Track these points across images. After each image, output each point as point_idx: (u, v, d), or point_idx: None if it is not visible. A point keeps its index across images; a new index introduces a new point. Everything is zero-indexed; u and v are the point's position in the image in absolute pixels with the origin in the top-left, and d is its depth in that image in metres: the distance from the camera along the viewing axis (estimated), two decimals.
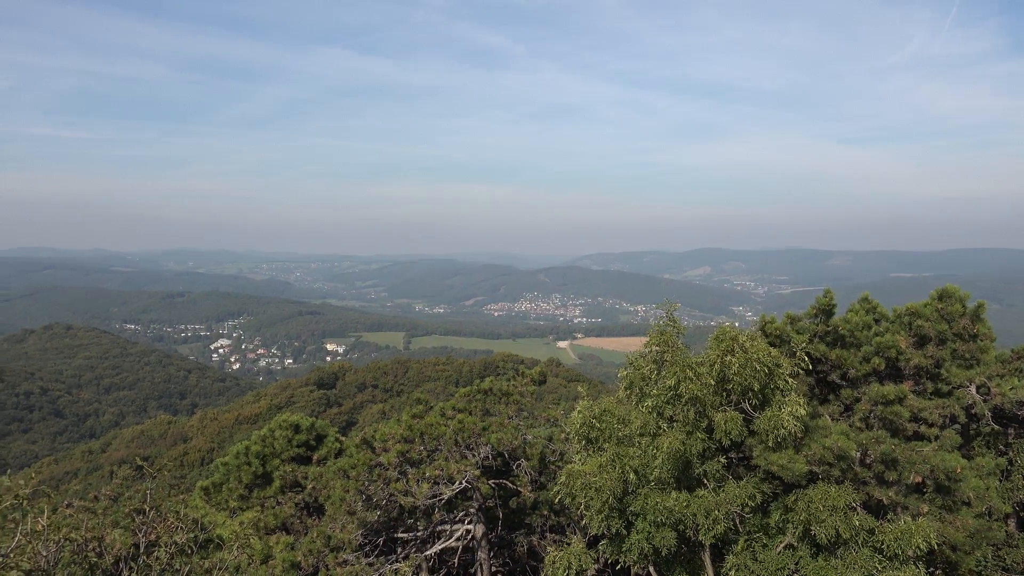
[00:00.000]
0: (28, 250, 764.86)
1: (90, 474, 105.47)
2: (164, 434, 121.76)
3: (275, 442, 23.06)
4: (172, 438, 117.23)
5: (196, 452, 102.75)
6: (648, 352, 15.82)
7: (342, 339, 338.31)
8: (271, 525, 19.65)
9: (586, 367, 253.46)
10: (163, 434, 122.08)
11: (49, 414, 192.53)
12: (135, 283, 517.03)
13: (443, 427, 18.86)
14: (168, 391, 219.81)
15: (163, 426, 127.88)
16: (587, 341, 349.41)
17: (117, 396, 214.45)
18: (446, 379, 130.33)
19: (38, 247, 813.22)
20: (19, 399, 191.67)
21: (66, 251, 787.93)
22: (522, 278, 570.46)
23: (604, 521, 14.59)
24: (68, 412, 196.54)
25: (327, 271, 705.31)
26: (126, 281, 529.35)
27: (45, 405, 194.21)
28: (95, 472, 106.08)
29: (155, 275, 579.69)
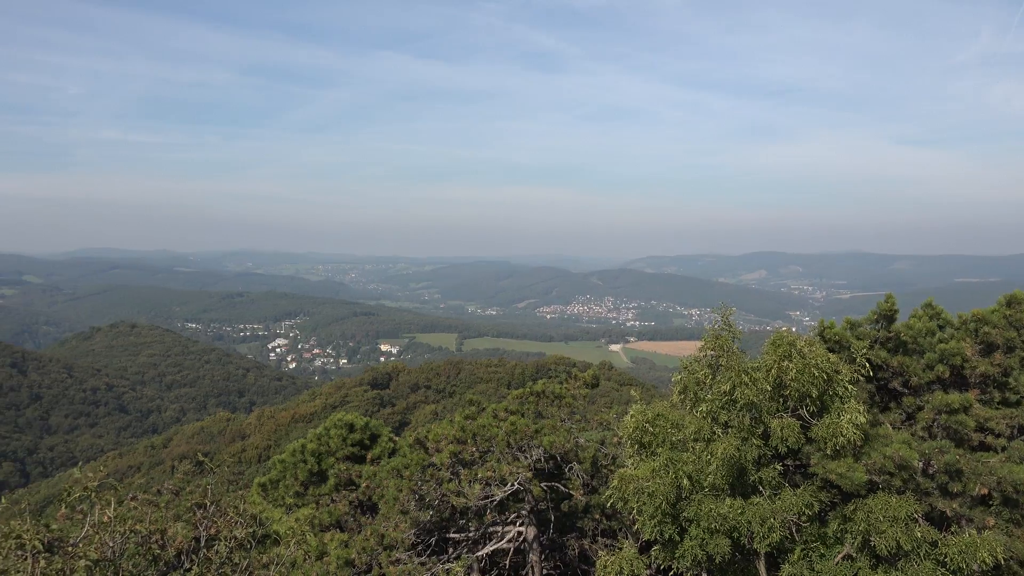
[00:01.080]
0: (96, 251, 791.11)
1: (152, 468, 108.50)
2: (223, 431, 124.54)
3: (330, 441, 23.42)
4: (231, 435, 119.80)
5: (254, 449, 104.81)
6: (703, 356, 15.63)
7: (396, 340, 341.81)
8: (326, 522, 19.95)
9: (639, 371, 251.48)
10: (222, 431, 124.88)
11: (114, 409, 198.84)
12: (197, 283, 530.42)
13: (495, 429, 18.91)
14: (227, 389, 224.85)
15: (222, 423, 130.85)
16: (640, 345, 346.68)
17: (178, 393, 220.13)
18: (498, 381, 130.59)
19: (106, 248, 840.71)
20: (86, 394, 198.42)
21: (132, 252, 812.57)
22: (575, 281, 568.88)
23: (657, 527, 14.46)
24: (132, 408, 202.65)
25: (382, 272, 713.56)
26: (188, 281, 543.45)
27: (111, 401, 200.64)
28: (157, 467, 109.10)
29: (216, 275, 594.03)
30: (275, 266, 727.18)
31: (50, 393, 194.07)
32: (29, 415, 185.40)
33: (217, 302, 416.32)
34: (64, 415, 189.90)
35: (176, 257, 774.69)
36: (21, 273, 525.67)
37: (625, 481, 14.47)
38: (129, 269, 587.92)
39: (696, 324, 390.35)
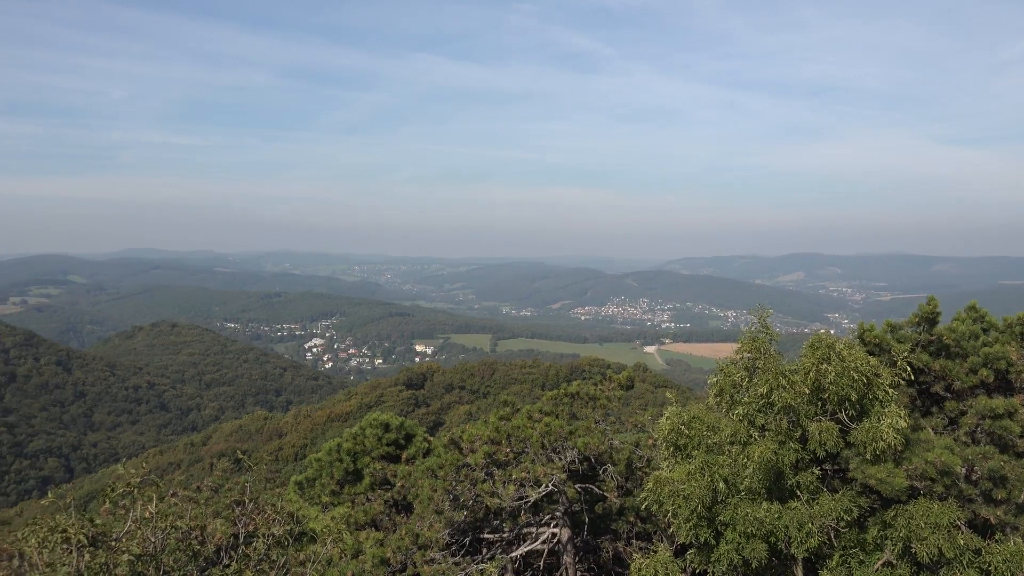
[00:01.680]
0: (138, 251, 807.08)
1: (192, 466, 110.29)
2: (260, 429, 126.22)
3: (366, 440, 23.63)
4: (268, 433, 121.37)
5: (290, 447, 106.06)
6: (739, 358, 15.47)
7: (430, 340, 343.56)
8: (361, 521, 20.12)
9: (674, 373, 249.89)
10: (259, 429, 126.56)
11: (155, 407, 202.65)
12: (235, 283, 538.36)
13: (530, 430, 18.92)
14: (264, 388, 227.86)
15: (260, 421, 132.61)
16: (675, 346, 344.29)
17: (217, 392, 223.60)
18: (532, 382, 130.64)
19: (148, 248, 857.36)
20: (128, 392, 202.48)
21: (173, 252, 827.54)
22: (609, 282, 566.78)
23: (692, 530, 14.36)
24: (172, 406, 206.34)
25: (417, 273, 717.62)
26: (227, 281, 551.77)
27: (152, 399, 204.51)
28: (196, 464, 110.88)
29: (254, 276, 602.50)
30: (312, 267, 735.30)
31: (94, 391, 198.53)
32: (74, 412, 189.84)
33: (255, 302, 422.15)
34: (107, 412, 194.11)
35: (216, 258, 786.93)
36: (67, 273, 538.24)
37: (660, 484, 14.39)
38: (170, 269, 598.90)
39: (732, 326, 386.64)
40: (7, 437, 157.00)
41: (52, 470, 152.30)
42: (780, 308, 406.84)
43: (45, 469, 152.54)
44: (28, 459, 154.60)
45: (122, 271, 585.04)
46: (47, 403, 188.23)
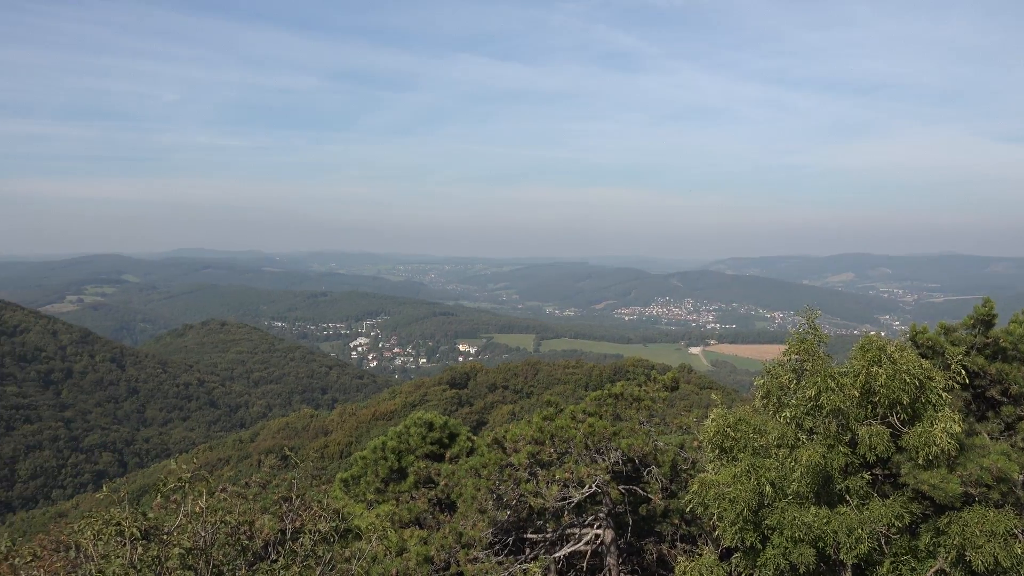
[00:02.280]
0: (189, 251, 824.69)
1: (240, 462, 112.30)
2: (307, 427, 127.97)
3: (410, 439, 23.81)
4: (314, 431, 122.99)
5: (336, 445, 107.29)
6: (787, 360, 15.22)
7: (474, 340, 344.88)
8: (405, 519, 20.28)
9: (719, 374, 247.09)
10: (306, 427, 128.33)
11: (205, 404, 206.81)
12: (283, 283, 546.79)
13: (573, 430, 18.88)
14: (311, 386, 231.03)
15: (306, 419, 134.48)
16: (720, 348, 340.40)
17: (265, 389, 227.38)
18: (575, 382, 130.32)
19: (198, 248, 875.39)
20: (179, 389, 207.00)
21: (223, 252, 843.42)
22: (654, 282, 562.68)
23: (738, 533, 14.18)
24: (221, 403, 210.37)
25: (460, 273, 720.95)
26: (275, 281, 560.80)
27: (202, 396, 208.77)
28: (245, 460, 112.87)
29: (301, 275, 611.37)
30: (357, 266, 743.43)
31: (146, 387, 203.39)
32: (127, 408, 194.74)
33: (302, 301, 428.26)
34: (159, 408, 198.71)
35: (264, 257, 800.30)
36: (121, 272, 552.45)
37: (705, 486, 14.24)
38: (220, 269, 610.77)
39: (779, 327, 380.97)
40: (64, 432, 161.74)
41: (106, 464, 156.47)
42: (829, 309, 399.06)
43: (100, 463, 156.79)
44: (83, 453, 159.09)
45: (173, 270, 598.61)
46: (102, 399, 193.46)
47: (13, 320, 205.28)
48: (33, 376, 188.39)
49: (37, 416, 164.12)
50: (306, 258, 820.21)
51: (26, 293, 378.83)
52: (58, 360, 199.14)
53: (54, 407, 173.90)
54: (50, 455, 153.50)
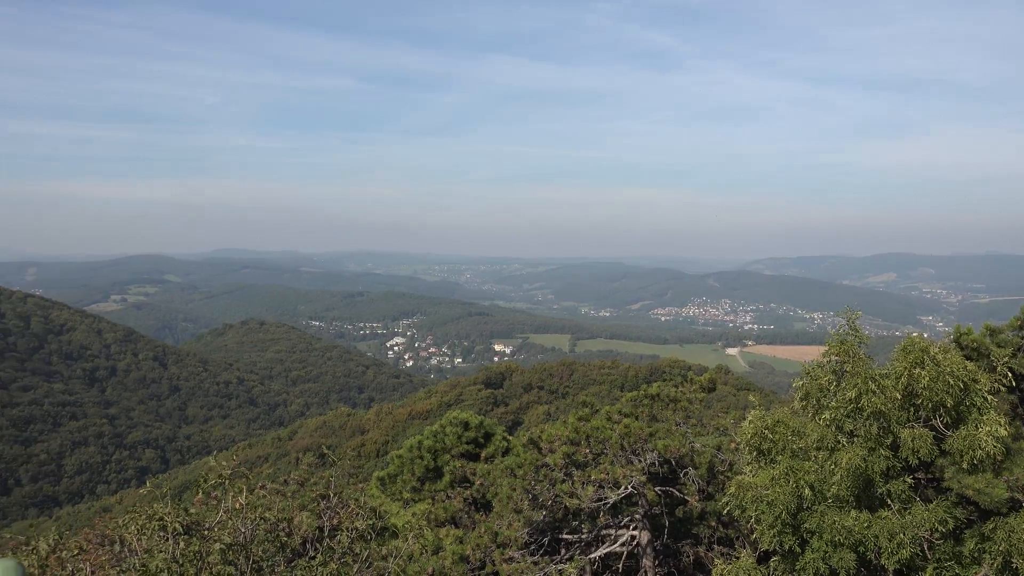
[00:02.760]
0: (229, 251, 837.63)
1: (279, 459, 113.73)
2: (344, 425, 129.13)
3: (446, 438, 23.94)
4: (351, 430, 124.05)
5: (372, 444, 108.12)
6: (826, 362, 15.01)
7: (509, 340, 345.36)
8: (441, 518, 20.38)
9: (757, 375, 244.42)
10: (343, 425, 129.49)
11: (244, 402, 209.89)
12: (320, 283, 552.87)
13: (609, 431, 18.82)
14: (348, 385, 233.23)
15: (343, 418, 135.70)
16: (758, 348, 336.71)
17: (303, 388, 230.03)
18: (611, 383, 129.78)
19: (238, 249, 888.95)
20: (219, 387, 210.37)
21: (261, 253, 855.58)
22: (690, 282, 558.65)
23: (776, 537, 14.01)
24: (260, 401, 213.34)
25: (495, 273, 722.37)
26: (312, 281, 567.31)
27: (241, 394, 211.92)
28: (283, 458, 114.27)
29: (338, 276, 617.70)
30: (393, 266, 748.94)
31: (187, 385, 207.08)
32: (169, 405, 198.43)
33: (339, 301, 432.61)
34: (200, 406, 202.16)
35: (301, 258, 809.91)
36: (163, 273, 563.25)
37: (743, 488, 14.10)
38: (258, 269, 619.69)
39: (818, 328, 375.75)
40: (108, 428, 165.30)
41: (149, 461, 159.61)
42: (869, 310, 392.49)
43: (143, 459, 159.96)
44: (127, 450, 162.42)
45: (213, 270, 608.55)
46: (145, 396, 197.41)
47: (60, 319, 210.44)
48: (79, 374, 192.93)
49: (83, 413, 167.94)
50: (343, 258, 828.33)
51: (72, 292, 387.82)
52: (103, 358, 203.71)
53: (99, 404, 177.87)
54: (95, 451, 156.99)
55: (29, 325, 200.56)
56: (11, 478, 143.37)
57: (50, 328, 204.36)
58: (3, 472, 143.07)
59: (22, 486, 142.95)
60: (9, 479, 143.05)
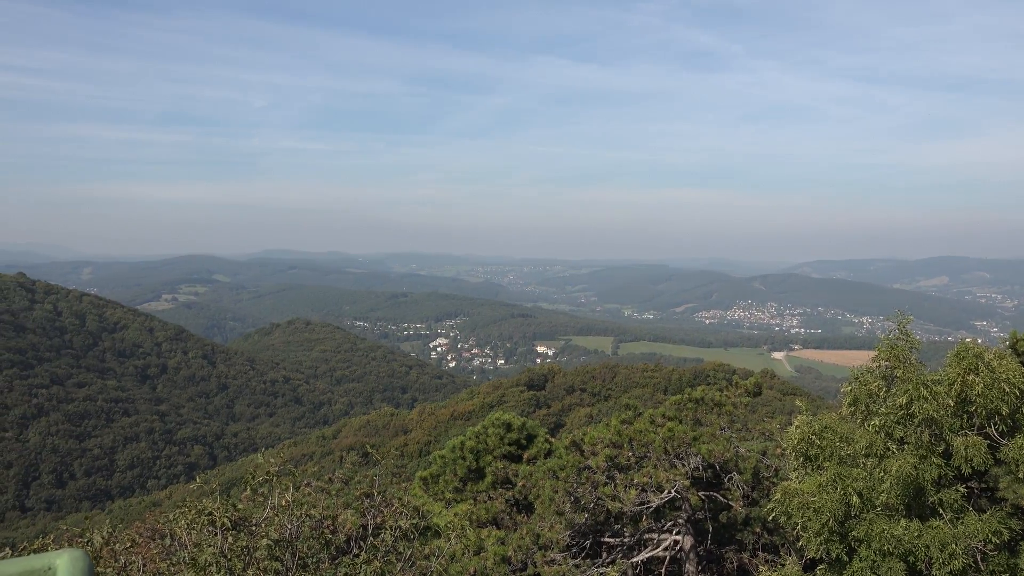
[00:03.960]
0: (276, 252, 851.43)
1: (323, 458, 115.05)
2: (387, 425, 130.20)
3: (488, 439, 24.00)
4: (394, 429, 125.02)
5: (415, 444, 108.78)
6: (876, 367, 14.72)
7: (552, 342, 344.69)
8: (483, 518, 20.44)
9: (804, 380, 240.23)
10: (386, 425, 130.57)
11: (290, 401, 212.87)
12: (364, 283, 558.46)
13: (652, 434, 18.70)
14: (391, 385, 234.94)
15: (386, 417, 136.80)
16: (805, 353, 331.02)
17: (347, 387, 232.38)
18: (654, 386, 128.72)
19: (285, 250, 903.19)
20: (266, 386, 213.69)
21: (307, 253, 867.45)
22: (735, 285, 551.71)
23: (823, 544, 13.78)
24: (306, 400, 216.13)
25: (538, 275, 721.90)
26: (357, 281, 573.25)
27: (287, 392, 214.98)
28: (327, 456, 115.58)
29: (382, 276, 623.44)
30: (437, 268, 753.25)
31: (235, 383, 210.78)
32: (217, 403, 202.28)
33: (383, 302, 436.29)
34: (247, 404, 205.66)
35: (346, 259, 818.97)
36: (212, 272, 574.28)
37: (789, 495, 13.89)
38: (305, 270, 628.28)
39: (867, 333, 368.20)
40: (159, 425, 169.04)
41: (197, 457, 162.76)
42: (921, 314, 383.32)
43: (191, 456, 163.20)
44: (176, 446, 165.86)
45: (261, 271, 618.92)
46: (194, 394, 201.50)
47: (114, 317, 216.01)
48: (131, 371, 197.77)
49: (134, 409, 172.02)
50: (387, 259, 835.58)
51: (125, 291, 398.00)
52: (154, 356, 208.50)
53: (150, 401, 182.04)
54: (146, 447, 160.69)
55: (84, 323, 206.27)
56: (66, 472, 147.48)
57: (104, 326, 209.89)
58: (59, 466, 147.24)
59: (76, 480, 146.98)
60: (64, 473, 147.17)
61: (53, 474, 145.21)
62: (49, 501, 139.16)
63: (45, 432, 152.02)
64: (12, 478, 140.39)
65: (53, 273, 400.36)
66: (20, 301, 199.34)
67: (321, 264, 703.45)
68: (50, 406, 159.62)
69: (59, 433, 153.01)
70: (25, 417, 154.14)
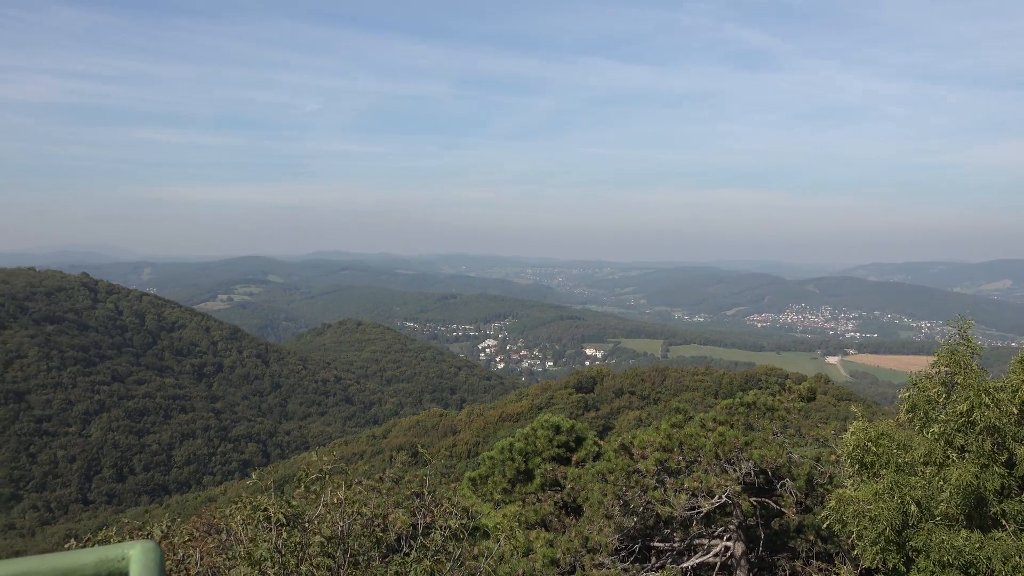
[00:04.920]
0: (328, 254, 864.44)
1: (373, 457, 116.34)
2: (436, 425, 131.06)
3: (537, 441, 24.01)
4: (443, 430, 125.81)
5: (464, 444, 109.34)
6: (935, 373, 14.34)
7: (600, 344, 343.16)
8: (531, 520, 20.47)
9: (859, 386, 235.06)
10: (435, 425, 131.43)
11: (341, 400, 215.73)
12: (414, 285, 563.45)
13: (703, 438, 18.50)
14: (440, 386, 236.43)
15: (435, 418, 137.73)
16: (860, 358, 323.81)
17: (396, 388, 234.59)
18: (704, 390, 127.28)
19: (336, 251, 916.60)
20: (318, 385, 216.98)
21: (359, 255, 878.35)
22: (788, 288, 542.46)
23: (879, 554, 13.48)
24: (356, 399, 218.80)
25: (587, 277, 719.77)
26: (407, 283, 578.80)
27: (338, 392, 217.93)
28: (377, 455, 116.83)
29: (431, 278, 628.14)
30: (486, 269, 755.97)
31: (288, 383, 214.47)
32: (271, 401, 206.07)
33: (433, 303, 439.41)
34: (299, 403, 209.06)
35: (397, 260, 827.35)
36: (266, 273, 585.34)
37: (844, 502, 13.62)
38: (356, 271, 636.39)
39: (926, 338, 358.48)
40: (214, 422, 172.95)
41: (251, 454, 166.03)
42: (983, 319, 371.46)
43: (246, 453, 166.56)
44: (231, 443, 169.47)
45: (313, 272, 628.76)
46: (248, 392, 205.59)
47: (172, 317, 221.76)
48: (188, 369, 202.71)
49: (191, 406, 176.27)
50: (436, 261, 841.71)
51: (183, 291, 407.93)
52: (210, 355, 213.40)
53: (206, 399, 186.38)
54: (202, 443, 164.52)
55: (144, 322, 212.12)
56: (126, 466, 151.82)
57: (163, 325, 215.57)
58: (119, 460, 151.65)
59: (136, 474, 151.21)
60: (124, 467, 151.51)
61: (114, 468, 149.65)
62: (110, 494, 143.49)
63: (106, 428, 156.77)
64: (75, 472, 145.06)
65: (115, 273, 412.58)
66: (83, 300, 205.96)
67: (372, 265, 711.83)
68: (111, 402, 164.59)
69: (119, 429, 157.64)
70: (88, 413, 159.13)
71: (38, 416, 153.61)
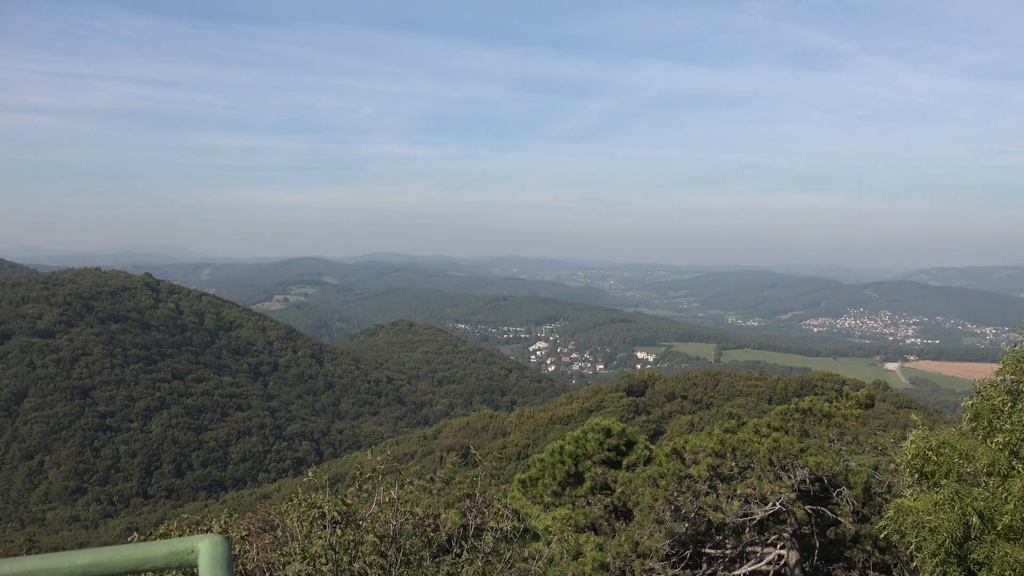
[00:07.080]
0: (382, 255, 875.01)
1: (424, 457, 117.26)
2: (486, 427, 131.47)
3: (587, 444, 23.93)
4: (493, 431, 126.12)
5: (513, 446, 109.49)
6: (1000, 381, 13.91)
7: (652, 347, 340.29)
8: (581, 524, 20.42)
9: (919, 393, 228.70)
10: (485, 427, 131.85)
11: (393, 400, 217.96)
12: (466, 287, 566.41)
13: (756, 444, 18.24)
14: (490, 387, 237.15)
15: (485, 419, 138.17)
16: (921, 364, 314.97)
17: (447, 389, 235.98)
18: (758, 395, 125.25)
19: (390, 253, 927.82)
20: (370, 385, 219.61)
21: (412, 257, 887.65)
22: (846, 292, 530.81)
23: (939, 566, 13.13)
24: (408, 400, 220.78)
25: (640, 280, 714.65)
26: (459, 284, 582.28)
27: (390, 392, 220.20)
28: (428, 456, 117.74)
29: (483, 280, 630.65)
30: (537, 272, 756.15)
31: (341, 382, 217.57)
32: (324, 401, 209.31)
33: (484, 305, 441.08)
34: (351, 403, 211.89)
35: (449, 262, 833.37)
36: (321, 275, 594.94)
37: (903, 512, 13.30)
38: (409, 272, 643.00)
39: (991, 344, 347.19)
40: (270, 420, 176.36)
41: (305, 452, 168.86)
42: None
43: (299, 451, 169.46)
44: (285, 441, 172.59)
45: (367, 273, 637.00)
46: (302, 391, 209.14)
47: (230, 316, 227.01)
48: (245, 368, 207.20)
49: (247, 405, 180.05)
50: (488, 263, 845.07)
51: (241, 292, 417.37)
52: (266, 354, 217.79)
53: (262, 397, 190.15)
54: (257, 441, 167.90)
55: (203, 321, 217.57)
56: (184, 462, 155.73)
57: (221, 324, 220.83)
58: (178, 456, 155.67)
59: (194, 470, 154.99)
60: (183, 463, 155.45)
61: (173, 464, 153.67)
62: (169, 489, 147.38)
63: (166, 424, 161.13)
64: (136, 467, 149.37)
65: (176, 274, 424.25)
66: (146, 300, 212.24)
67: (425, 267, 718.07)
68: (171, 399, 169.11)
69: (179, 425, 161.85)
70: (149, 409, 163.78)
71: (102, 412, 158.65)
